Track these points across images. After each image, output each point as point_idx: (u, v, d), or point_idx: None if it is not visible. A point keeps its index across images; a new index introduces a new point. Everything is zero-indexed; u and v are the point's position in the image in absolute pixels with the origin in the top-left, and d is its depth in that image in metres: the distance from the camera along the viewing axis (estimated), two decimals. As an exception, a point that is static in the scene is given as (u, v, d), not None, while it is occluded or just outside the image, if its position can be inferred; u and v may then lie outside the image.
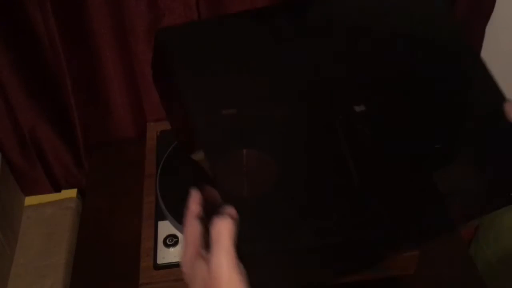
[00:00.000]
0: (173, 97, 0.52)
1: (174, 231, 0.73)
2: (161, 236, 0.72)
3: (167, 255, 0.70)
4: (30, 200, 0.97)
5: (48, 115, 0.91)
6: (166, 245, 0.71)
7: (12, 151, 0.92)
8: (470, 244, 1.10)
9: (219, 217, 0.45)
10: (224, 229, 0.44)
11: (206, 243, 0.47)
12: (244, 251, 0.44)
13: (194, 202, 0.49)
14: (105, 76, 0.90)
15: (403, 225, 0.50)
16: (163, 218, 0.74)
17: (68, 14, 0.79)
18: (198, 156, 0.49)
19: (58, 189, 1.00)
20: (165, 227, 0.73)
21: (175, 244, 0.71)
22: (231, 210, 0.46)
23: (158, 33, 0.53)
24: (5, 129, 0.89)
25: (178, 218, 0.73)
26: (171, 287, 0.69)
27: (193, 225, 0.48)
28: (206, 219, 0.48)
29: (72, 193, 0.98)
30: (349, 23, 0.57)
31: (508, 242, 1.02)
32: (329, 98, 0.53)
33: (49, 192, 0.98)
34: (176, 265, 0.69)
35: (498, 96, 0.58)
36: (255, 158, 0.50)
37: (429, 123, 0.55)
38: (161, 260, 0.70)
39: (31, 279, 0.84)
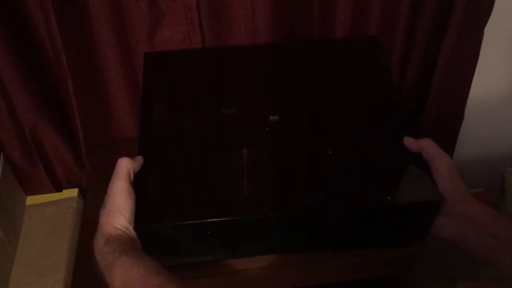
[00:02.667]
0: None
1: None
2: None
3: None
4: (31, 200, 0.97)
5: (49, 115, 0.92)
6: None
7: (14, 151, 0.92)
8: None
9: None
10: (122, 163, 0.61)
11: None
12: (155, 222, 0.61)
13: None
14: (105, 76, 0.90)
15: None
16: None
17: (69, 14, 0.79)
18: None
19: (59, 189, 1.00)
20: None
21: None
22: (138, 156, 0.65)
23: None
24: (6, 129, 0.90)
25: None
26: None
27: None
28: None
29: (73, 192, 0.99)
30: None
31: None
32: (255, 109, 0.74)
33: (50, 191, 0.99)
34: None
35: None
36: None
37: (327, 134, 0.72)
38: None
39: (33, 278, 0.84)
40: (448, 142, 1.10)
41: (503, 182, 1.03)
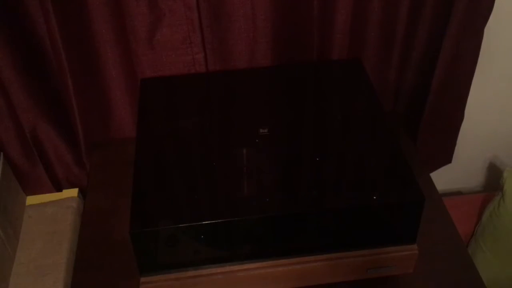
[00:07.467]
0: None
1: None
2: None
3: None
4: (31, 200, 0.97)
5: (49, 115, 0.92)
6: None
7: (14, 151, 0.93)
8: (469, 244, 1.10)
9: None
10: None
11: None
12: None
13: None
14: (105, 77, 0.90)
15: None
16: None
17: (69, 15, 0.79)
18: None
19: (59, 189, 1.00)
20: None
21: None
22: None
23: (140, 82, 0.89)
24: (6, 129, 0.90)
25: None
26: (171, 285, 0.69)
27: None
28: None
29: (73, 192, 0.99)
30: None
31: (507, 240, 1.03)
32: (245, 123, 0.80)
33: (50, 191, 0.99)
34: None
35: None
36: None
37: (315, 141, 0.77)
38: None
39: (33, 278, 0.84)
40: (448, 142, 1.10)
41: (503, 182, 1.04)
